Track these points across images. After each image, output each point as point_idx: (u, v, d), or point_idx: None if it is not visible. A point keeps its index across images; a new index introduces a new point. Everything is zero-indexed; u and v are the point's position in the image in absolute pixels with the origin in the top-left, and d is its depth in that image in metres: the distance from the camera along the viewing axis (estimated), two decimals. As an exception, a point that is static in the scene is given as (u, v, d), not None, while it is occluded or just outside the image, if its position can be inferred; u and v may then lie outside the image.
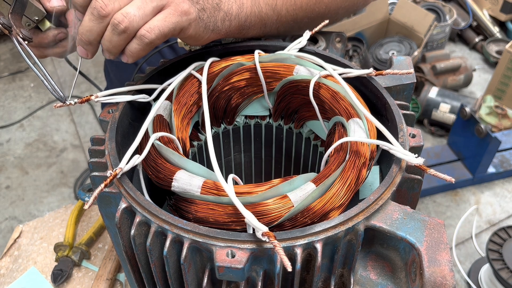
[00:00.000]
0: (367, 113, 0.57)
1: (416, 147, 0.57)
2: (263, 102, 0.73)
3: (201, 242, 0.45)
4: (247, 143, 0.80)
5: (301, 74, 0.66)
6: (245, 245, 0.45)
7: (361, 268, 0.53)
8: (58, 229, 1.07)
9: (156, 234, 0.47)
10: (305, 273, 0.50)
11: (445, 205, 2.17)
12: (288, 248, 0.45)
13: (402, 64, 0.70)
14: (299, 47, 0.72)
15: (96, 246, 1.01)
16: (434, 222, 0.48)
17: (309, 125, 0.72)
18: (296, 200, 0.49)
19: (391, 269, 0.52)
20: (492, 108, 2.39)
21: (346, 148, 0.55)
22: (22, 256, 1.03)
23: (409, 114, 0.62)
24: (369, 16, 2.75)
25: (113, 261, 0.92)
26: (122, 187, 0.50)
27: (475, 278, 1.85)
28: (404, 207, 0.50)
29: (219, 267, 0.43)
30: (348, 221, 0.47)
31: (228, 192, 0.46)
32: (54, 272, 0.93)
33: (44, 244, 1.04)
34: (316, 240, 0.45)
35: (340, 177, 0.52)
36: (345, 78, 0.64)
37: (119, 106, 0.61)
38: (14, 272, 0.98)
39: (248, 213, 0.45)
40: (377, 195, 0.49)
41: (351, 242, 0.49)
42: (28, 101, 2.83)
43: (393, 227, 0.47)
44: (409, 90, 0.69)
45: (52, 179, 2.35)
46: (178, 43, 0.81)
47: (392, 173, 0.52)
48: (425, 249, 0.46)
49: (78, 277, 0.95)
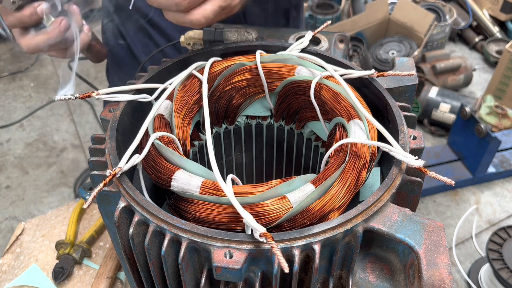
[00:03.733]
0: (368, 115, 0.57)
1: (417, 149, 0.56)
2: (265, 102, 0.72)
3: (199, 242, 0.45)
4: (249, 143, 0.80)
5: (302, 74, 0.66)
6: (243, 245, 0.44)
7: (360, 270, 0.53)
8: (60, 226, 1.07)
9: (154, 233, 0.47)
10: (303, 274, 0.50)
11: (445, 205, 2.17)
12: (286, 249, 0.45)
13: (404, 65, 0.70)
14: (301, 48, 0.72)
15: (97, 244, 1.01)
16: (434, 225, 0.48)
17: (310, 126, 0.72)
18: (295, 201, 0.49)
19: (390, 271, 0.52)
20: (492, 108, 2.39)
21: (346, 150, 0.55)
22: (24, 253, 1.03)
23: (410, 116, 0.62)
24: (369, 16, 2.75)
25: (114, 260, 0.93)
26: (122, 186, 0.50)
27: (475, 278, 1.85)
28: (404, 209, 0.50)
29: (217, 267, 0.43)
30: (347, 223, 0.47)
31: (227, 192, 0.46)
32: (55, 269, 0.93)
33: (46, 241, 1.04)
34: (314, 242, 0.45)
35: (340, 178, 0.52)
36: (347, 79, 0.64)
37: (120, 105, 0.61)
38: (16, 269, 0.99)
39: (246, 214, 0.45)
40: (376, 197, 0.49)
41: (350, 244, 0.48)
42: (28, 101, 2.84)
43: (392, 229, 0.47)
44: (411, 92, 0.68)
45: (52, 179, 2.36)
46: (181, 43, 0.81)
47: (392, 175, 0.51)
48: (424, 252, 0.45)
49: (79, 275, 0.95)
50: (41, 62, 3.13)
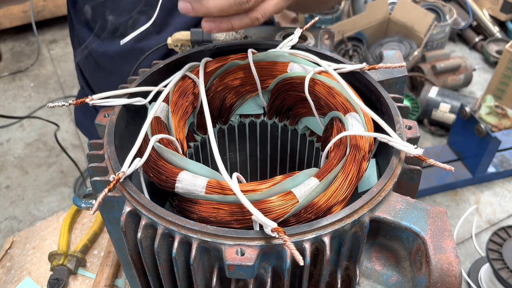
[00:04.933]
0: (364, 107, 0.58)
1: (413, 138, 0.58)
2: (258, 100, 0.73)
3: (210, 242, 0.45)
4: (242, 142, 0.80)
5: (295, 71, 0.67)
6: (254, 242, 0.45)
7: (366, 260, 0.54)
8: (51, 237, 1.05)
9: (163, 236, 0.47)
10: (312, 268, 0.51)
11: (445, 204, 2.19)
12: (297, 243, 0.45)
13: (392, 58, 0.71)
14: (291, 45, 0.72)
15: (91, 253, 1.00)
16: (436, 211, 0.49)
17: (304, 121, 0.72)
18: (300, 196, 0.50)
19: (395, 259, 0.53)
20: (492, 108, 2.42)
21: (345, 142, 0.56)
22: (15, 267, 1.01)
23: (403, 106, 0.63)
24: (369, 16, 2.77)
25: (110, 267, 0.91)
26: (126, 190, 0.50)
27: (475, 278, 1.86)
28: (406, 197, 0.51)
29: (230, 265, 0.43)
30: (354, 214, 0.47)
31: (235, 190, 0.46)
32: (50, 281, 0.92)
33: (37, 253, 1.02)
34: (324, 234, 0.46)
35: (342, 171, 0.53)
36: (339, 74, 0.65)
37: (115, 109, 0.61)
38: (8, 284, 0.96)
39: (256, 211, 0.45)
40: (380, 186, 0.50)
41: (357, 234, 0.49)
42: (28, 101, 2.80)
43: (397, 217, 0.48)
44: (401, 83, 0.70)
45: (52, 179, 2.34)
46: (168, 45, 0.81)
47: (393, 165, 0.52)
48: (430, 237, 0.46)
49: (75, 285, 0.94)
50: (41, 62, 3.09)
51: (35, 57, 3.12)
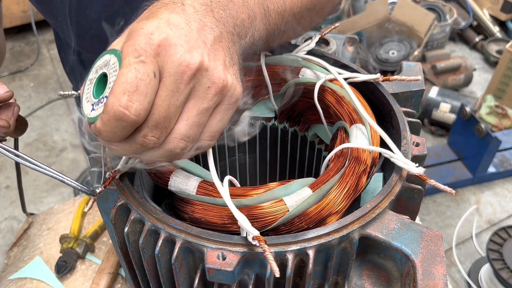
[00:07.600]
0: (370, 120, 0.56)
1: (419, 156, 0.56)
2: (269, 103, 0.72)
3: (193, 243, 0.45)
4: (252, 144, 0.79)
5: (306, 77, 0.65)
6: (236, 248, 0.44)
7: (356, 276, 0.52)
8: (66, 220, 1.08)
9: (149, 232, 0.47)
10: (298, 279, 0.50)
11: (445, 204, 2.16)
12: (280, 253, 0.45)
13: (412, 70, 0.69)
14: (307, 49, 0.71)
15: (100, 239, 1.02)
16: (432, 234, 0.47)
17: (314, 129, 0.71)
18: (291, 205, 0.49)
19: (386, 279, 0.51)
20: (492, 108, 2.37)
21: (346, 154, 0.55)
22: (30, 246, 1.05)
23: (414, 122, 0.61)
24: (369, 16, 2.73)
25: (116, 256, 0.93)
26: (120, 184, 0.51)
27: (475, 278, 1.84)
28: (402, 217, 0.49)
29: (209, 269, 0.43)
30: (343, 229, 0.46)
31: (222, 193, 0.46)
32: (58, 263, 0.94)
33: (50, 234, 1.05)
34: (309, 247, 0.45)
35: (339, 183, 0.51)
36: (352, 83, 0.64)
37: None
38: (21, 262, 1.00)
39: (241, 216, 0.45)
40: (374, 203, 0.48)
41: (346, 250, 0.48)
42: (28, 101, 2.82)
43: (389, 237, 0.47)
44: (417, 97, 0.67)
45: (52, 179, 2.35)
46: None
47: (392, 182, 0.51)
48: (420, 261, 0.45)
49: (81, 269, 0.96)
50: (41, 62, 3.13)
51: (35, 57, 3.11)
